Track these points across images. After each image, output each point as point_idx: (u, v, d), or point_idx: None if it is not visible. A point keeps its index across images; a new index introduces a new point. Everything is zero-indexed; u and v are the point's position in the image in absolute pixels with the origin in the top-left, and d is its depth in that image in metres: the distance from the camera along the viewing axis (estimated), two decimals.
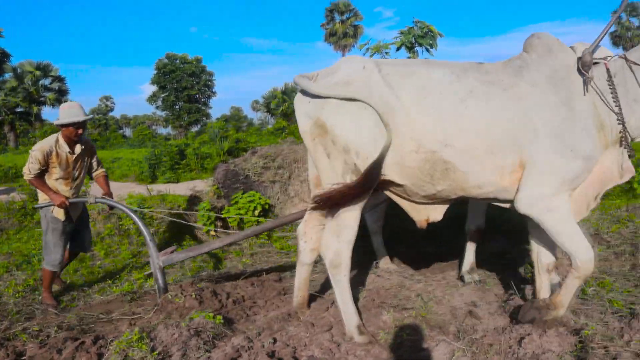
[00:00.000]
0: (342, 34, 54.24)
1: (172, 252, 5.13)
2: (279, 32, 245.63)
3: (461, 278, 5.25)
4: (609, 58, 3.80)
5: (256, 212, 7.28)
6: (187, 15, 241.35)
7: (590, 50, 3.65)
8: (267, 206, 7.62)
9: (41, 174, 5.26)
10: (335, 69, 3.86)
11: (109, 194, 5.62)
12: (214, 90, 52.64)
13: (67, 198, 5.25)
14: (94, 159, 5.78)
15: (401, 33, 9.43)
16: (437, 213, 4.09)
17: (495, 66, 3.81)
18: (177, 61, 49.70)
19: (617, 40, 61.53)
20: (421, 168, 3.66)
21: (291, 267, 6.09)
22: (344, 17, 54.86)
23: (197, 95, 51.02)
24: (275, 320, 4.42)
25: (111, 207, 5.77)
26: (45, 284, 5.43)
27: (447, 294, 4.79)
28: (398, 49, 9.49)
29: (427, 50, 9.55)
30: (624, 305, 4.42)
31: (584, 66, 3.64)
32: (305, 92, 3.86)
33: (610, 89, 3.68)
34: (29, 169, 5.18)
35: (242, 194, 7.65)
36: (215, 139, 19.11)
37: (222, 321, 4.20)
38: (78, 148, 5.43)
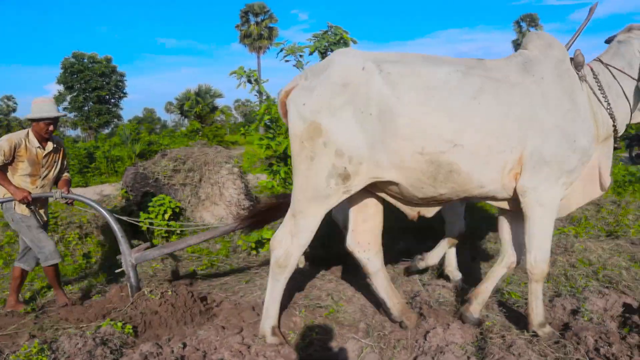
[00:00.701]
0: (257, 35, 54.03)
1: (146, 249, 4.93)
2: (194, 32, 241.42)
3: (447, 278, 5.21)
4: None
5: (166, 216, 7.11)
6: (95, 13, 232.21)
7: (579, 51, 3.82)
8: (177, 209, 7.45)
9: (3, 168, 4.88)
10: (328, 65, 3.71)
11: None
12: (125, 91, 50.83)
13: (29, 193, 4.87)
14: (65, 161, 5.42)
15: (315, 37, 9.49)
16: (429, 212, 4.11)
17: (497, 63, 3.82)
18: (86, 60, 47.63)
19: (518, 47, 64.99)
20: (424, 170, 3.59)
21: (204, 274, 6.00)
22: (258, 19, 54.66)
23: (108, 96, 49.13)
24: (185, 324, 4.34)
25: (72, 204, 5.32)
26: (52, 282, 5.19)
27: (357, 293, 4.88)
28: (311, 53, 9.54)
29: None
30: (521, 297, 4.68)
31: (577, 65, 3.82)
32: (299, 93, 3.67)
33: (598, 86, 3.85)
34: None
35: (152, 197, 7.45)
36: (126, 141, 18.57)
37: (131, 330, 4.07)
38: (50, 145, 5.12)
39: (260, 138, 8.56)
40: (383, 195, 4.01)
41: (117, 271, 4.88)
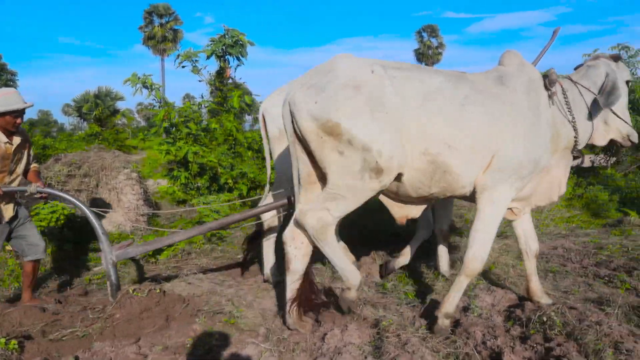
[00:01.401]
0: (161, 37, 52.79)
1: (128, 245, 4.71)
2: (95, 32, 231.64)
3: (443, 275, 5.48)
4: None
5: (59, 223, 6.77)
6: None
7: (553, 70, 4.18)
8: (71, 217, 7.12)
9: None
10: (332, 67, 3.82)
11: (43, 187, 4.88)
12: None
13: None
14: (31, 151, 5.09)
15: (212, 41, 9.42)
16: (417, 211, 4.35)
17: (478, 76, 4.13)
18: None
19: (420, 57, 67.58)
20: (425, 170, 3.83)
21: (100, 282, 5.76)
22: (163, 21, 53.45)
23: None
24: (78, 337, 4.15)
25: (53, 199, 4.93)
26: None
27: (258, 298, 4.88)
28: (208, 57, 9.47)
29: (238, 59, 9.66)
30: (416, 296, 4.86)
31: (550, 82, 4.18)
32: (307, 92, 3.73)
33: (565, 101, 4.26)
34: None
35: (44, 204, 7.06)
36: None
37: (16, 345, 3.83)
38: (17, 139, 4.79)
39: (160, 143, 8.40)
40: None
41: (95, 269, 4.59)
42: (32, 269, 4.98)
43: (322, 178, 3.90)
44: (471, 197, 4.12)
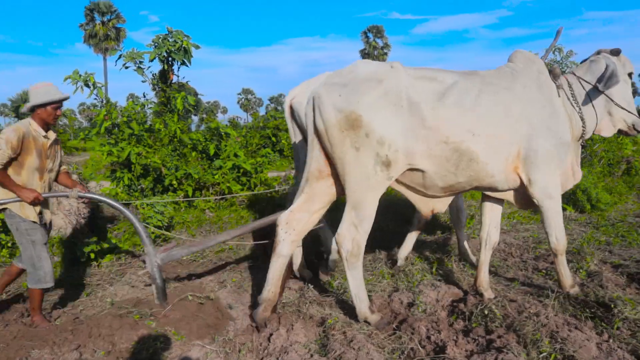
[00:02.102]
0: (103, 36, 51.54)
1: (173, 248, 4.61)
2: (34, 30, 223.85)
3: (395, 261, 5.83)
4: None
5: None
6: None
7: (557, 65, 4.51)
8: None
9: (6, 166, 4.23)
10: (355, 67, 4.14)
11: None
12: None
13: (39, 193, 4.30)
14: (62, 151, 4.82)
15: (154, 42, 9.24)
16: (442, 205, 4.51)
17: (489, 72, 4.43)
18: None
19: (366, 57, 68.28)
20: (449, 158, 4.04)
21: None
22: (105, 19, 52.17)
23: None
24: (15, 344, 3.99)
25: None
26: (34, 305, 4.44)
27: None
28: (151, 60, 9.29)
29: (183, 63, 9.53)
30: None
31: (555, 76, 4.54)
32: (331, 88, 4.00)
33: (571, 94, 4.58)
34: None
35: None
36: None
37: None
38: (52, 134, 4.53)
39: (101, 144, 8.18)
40: (403, 189, 4.38)
41: (141, 273, 4.59)
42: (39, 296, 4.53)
43: (332, 175, 4.19)
44: (502, 190, 4.46)
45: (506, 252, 6.27)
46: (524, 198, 4.48)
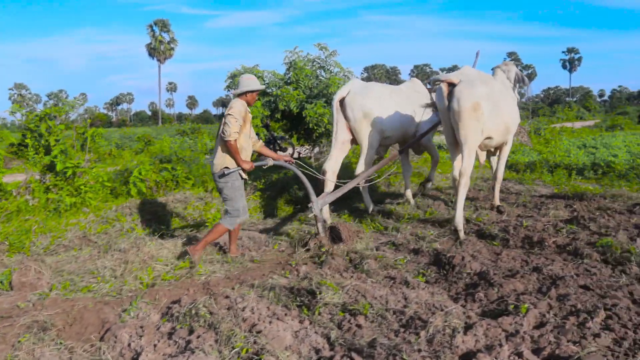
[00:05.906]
0: None
1: (325, 196, 6.64)
2: None
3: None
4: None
5: None
6: None
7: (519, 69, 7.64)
8: None
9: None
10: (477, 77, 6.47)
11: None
12: None
13: (252, 163, 5.70)
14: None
15: None
16: (484, 157, 7.89)
17: (494, 77, 6.95)
18: None
19: (152, 51, 66.21)
20: (502, 132, 6.66)
21: None
22: None
23: None
24: None
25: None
26: (234, 235, 5.91)
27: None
28: None
29: None
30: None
31: (518, 81, 7.49)
32: (462, 88, 6.15)
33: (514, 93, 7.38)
34: (234, 131, 5.44)
35: None
36: None
37: None
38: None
39: None
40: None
41: (309, 215, 6.38)
42: (238, 227, 5.89)
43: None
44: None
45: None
46: None
